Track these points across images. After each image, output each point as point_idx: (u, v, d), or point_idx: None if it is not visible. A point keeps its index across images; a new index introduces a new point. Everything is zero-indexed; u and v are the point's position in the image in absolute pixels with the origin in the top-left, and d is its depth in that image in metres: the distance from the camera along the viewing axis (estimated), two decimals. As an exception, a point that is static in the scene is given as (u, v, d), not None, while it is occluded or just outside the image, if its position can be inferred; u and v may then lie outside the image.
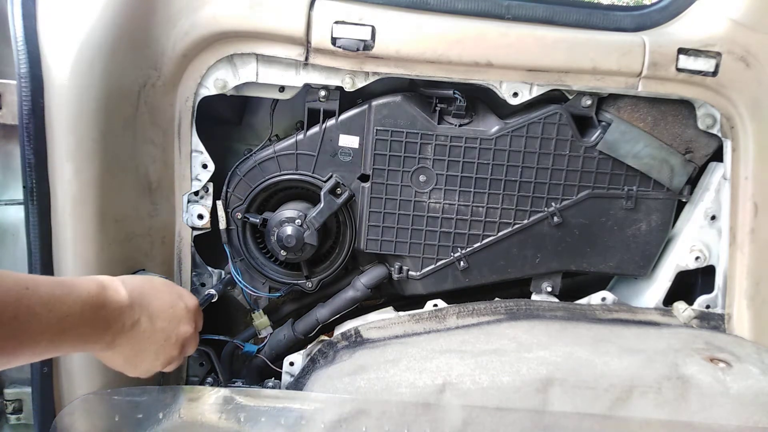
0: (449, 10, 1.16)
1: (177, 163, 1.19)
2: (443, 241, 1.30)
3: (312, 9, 1.12)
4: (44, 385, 1.05)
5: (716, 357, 1.13)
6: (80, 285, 0.74)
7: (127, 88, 1.06)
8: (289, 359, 1.31)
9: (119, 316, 0.78)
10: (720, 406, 1.04)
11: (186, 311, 0.89)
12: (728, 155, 1.25)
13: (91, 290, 0.74)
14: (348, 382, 1.10)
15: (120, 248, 1.08)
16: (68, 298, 0.70)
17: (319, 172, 1.27)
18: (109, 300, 0.76)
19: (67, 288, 0.71)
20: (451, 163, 1.25)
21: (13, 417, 1.15)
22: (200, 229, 1.25)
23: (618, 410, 1.05)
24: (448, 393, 1.05)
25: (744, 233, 1.25)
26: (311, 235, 1.24)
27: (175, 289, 0.90)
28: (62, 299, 0.69)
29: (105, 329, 0.76)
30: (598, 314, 1.30)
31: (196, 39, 1.11)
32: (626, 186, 1.27)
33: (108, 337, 0.77)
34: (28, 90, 0.95)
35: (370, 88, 1.22)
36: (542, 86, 1.21)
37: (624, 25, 1.19)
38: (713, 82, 1.18)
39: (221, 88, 1.17)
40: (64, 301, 0.69)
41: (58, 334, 0.69)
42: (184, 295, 0.91)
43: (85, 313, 0.72)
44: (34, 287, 0.67)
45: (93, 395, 1.03)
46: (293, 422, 1.03)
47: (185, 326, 0.88)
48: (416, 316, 1.28)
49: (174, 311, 0.86)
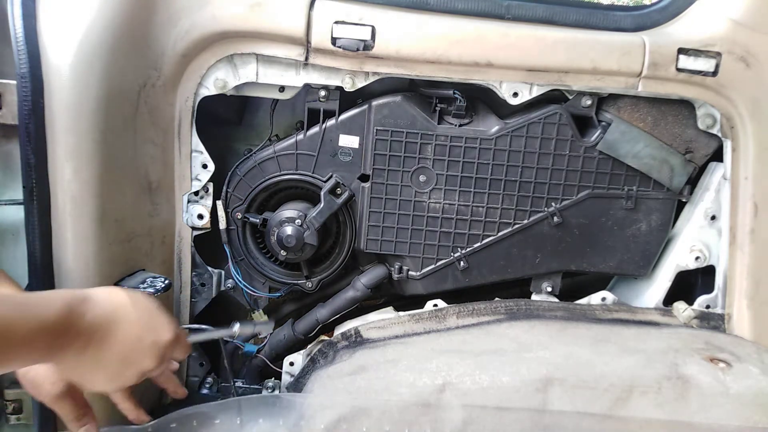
0: (449, 10, 1.16)
1: (177, 163, 1.19)
2: (443, 241, 1.30)
3: (312, 9, 1.12)
4: (44, 385, 1.05)
5: (716, 357, 1.13)
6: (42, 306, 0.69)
7: (127, 88, 1.05)
8: (289, 359, 1.31)
9: (74, 342, 0.73)
10: (720, 406, 1.04)
11: (152, 347, 0.82)
12: (728, 155, 1.25)
13: (50, 316, 0.69)
14: (348, 382, 1.10)
15: (120, 248, 1.08)
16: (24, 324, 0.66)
17: (319, 172, 1.27)
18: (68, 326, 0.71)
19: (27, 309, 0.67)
20: (451, 163, 1.25)
21: (13, 417, 1.15)
22: (200, 229, 1.25)
23: (618, 410, 1.05)
24: (448, 393, 1.05)
25: (744, 233, 1.25)
26: (311, 235, 1.24)
27: (156, 318, 0.83)
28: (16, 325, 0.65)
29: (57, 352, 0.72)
30: (598, 314, 1.30)
31: (196, 39, 1.11)
32: (626, 186, 1.27)
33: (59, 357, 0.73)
34: (28, 90, 0.95)
35: (370, 88, 1.22)
36: (542, 86, 1.21)
37: (624, 25, 1.19)
38: (713, 82, 1.18)
39: (221, 88, 1.17)
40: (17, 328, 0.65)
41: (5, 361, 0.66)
42: (160, 328, 0.83)
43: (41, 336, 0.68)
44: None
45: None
46: (293, 422, 1.03)
47: (147, 361, 0.81)
48: (416, 316, 1.28)
49: (140, 344, 0.80)
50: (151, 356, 0.82)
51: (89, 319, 0.74)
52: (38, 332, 0.68)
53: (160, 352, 0.83)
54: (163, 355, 0.84)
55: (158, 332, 0.83)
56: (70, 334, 0.72)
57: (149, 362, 0.82)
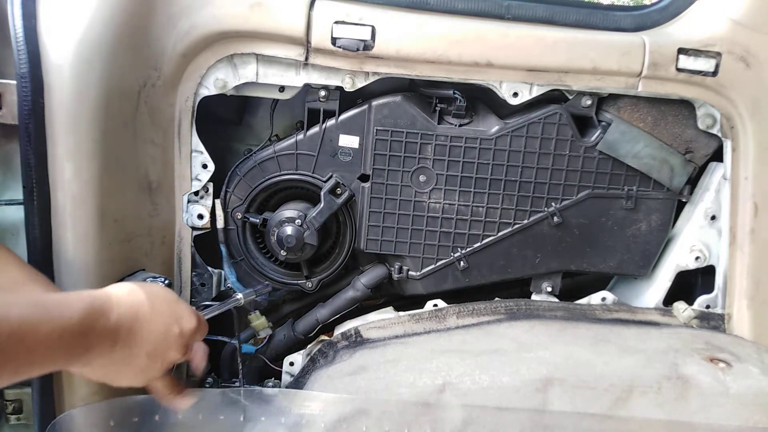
0: (449, 10, 1.16)
1: (177, 163, 1.19)
2: (443, 241, 1.30)
3: (312, 9, 1.12)
4: (44, 385, 1.05)
5: (716, 357, 1.13)
6: (64, 307, 0.67)
7: (127, 88, 1.06)
8: (289, 359, 1.31)
9: (101, 343, 0.72)
10: (720, 406, 1.04)
11: (178, 337, 0.83)
12: (728, 155, 1.25)
13: (73, 316, 0.67)
14: (348, 382, 1.10)
15: (120, 248, 1.08)
16: (45, 326, 0.64)
17: (319, 172, 1.27)
18: (94, 328, 0.70)
19: (47, 311, 0.65)
20: (451, 163, 1.25)
21: (13, 417, 1.15)
22: (200, 229, 1.25)
23: (618, 410, 1.05)
24: (448, 393, 1.05)
25: (744, 233, 1.25)
26: (311, 235, 1.24)
27: (176, 308, 0.84)
28: (37, 327, 0.63)
29: (82, 354, 0.70)
30: (598, 314, 1.30)
31: (196, 39, 1.11)
32: (626, 186, 1.27)
33: (84, 360, 0.72)
34: (28, 90, 0.95)
35: (370, 88, 1.22)
36: (542, 86, 1.21)
37: (624, 25, 1.19)
38: (713, 82, 1.18)
39: (221, 88, 1.17)
40: (38, 330, 0.63)
41: (26, 364, 0.63)
42: (183, 318, 0.84)
43: (64, 338, 0.66)
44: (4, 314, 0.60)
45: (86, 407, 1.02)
46: (293, 422, 1.03)
47: (173, 353, 0.83)
48: (416, 316, 1.28)
49: (166, 338, 0.81)
50: (177, 347, 0.83)
51: (114, 319, 0.74)
52: (61, 334, 0.66)
53: (185, 341, 0.84)
54: (188, 343, 0.86)
55: (181, 323, 0.84)
56: (95, 336, 0.71)
57: (175, 353, 0.83)
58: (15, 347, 0.60)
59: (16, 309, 0.61)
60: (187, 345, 0.85)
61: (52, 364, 0.68)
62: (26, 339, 0.62)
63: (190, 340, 0.86)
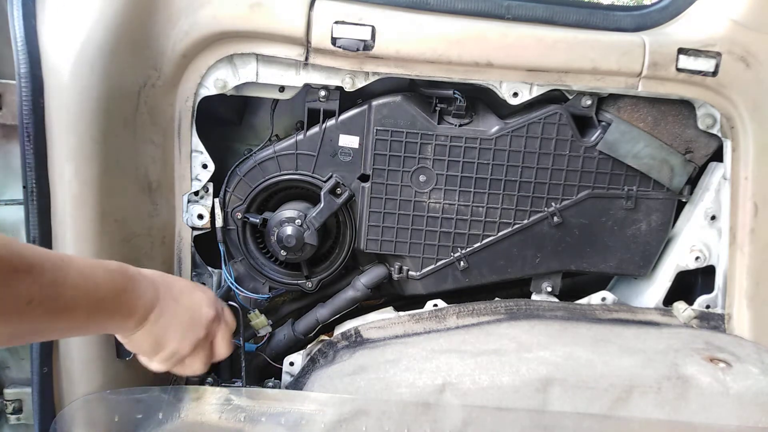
0: (449, 10, 1.16)
1: (177, 163, 1.19)
2: (443, 241, 1.30)
3: (312, 9, 1.12)
4: (44, 385, 1.05)
5: (716, 357, 1.13)
6: (105, 262, 0.77)
7: (127, 88, 1.06)
8: (289, 359, 1.31)
9: (144, 294, 0.81)
10: (720, 406, 1.05)
11: (204, 296, 0.94)
12: (728, 155, 1.25)
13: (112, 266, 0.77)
14: (348, 382, 1.10)
15: (120, 248, 1.08)
16: (99, 271, 0.73)
17: (319, 172, 1.27)
18: (133, 278, 0.79)
19: (96, 263, 0.75)
20: (451, 163, 1.25)
21: (13, 417, 1.15)
22: (200, 229, 1.25)
23: (618, 410, 1.05)
24: (448, 393, 1.05)
25: (744, 233, 1.25)
26: (311, 235, 1.24)
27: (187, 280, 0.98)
28: (94, 272, 0.72)
29: (133, 306, 0.79)
30: (598, 314, 1.30)
31: (196, 39, 1.11)
32: (626, 186, 1.27)
33: (137, 315, 0.80)
34: (28, 90, 0.95)
35: (370, 88, 1.22)
36: (542, 86, 1.21)
37: (624, 25, 1.19)
38: (713, 82, 1.18)
39: (221, 88, 1.17)
40: (96, 273, 0.72)
41: (93, 307, 0.71)
42: (198, 285, 0.96)
43: (116, 285, 0.75)
44: (68, 259, 0.69)
45: (93, 396, 1.03)
46: (293, 422, 1.03)
47: (207, 309, 0.92)
48: (416, 316, 1.28)
49: (193, 295, 0.91)
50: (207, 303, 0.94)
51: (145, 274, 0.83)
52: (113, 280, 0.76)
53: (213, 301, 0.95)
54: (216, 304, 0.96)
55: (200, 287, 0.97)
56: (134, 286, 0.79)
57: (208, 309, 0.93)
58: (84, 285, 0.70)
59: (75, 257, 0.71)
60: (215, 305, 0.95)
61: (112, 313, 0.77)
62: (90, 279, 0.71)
63: (216, 302, 0.96)
